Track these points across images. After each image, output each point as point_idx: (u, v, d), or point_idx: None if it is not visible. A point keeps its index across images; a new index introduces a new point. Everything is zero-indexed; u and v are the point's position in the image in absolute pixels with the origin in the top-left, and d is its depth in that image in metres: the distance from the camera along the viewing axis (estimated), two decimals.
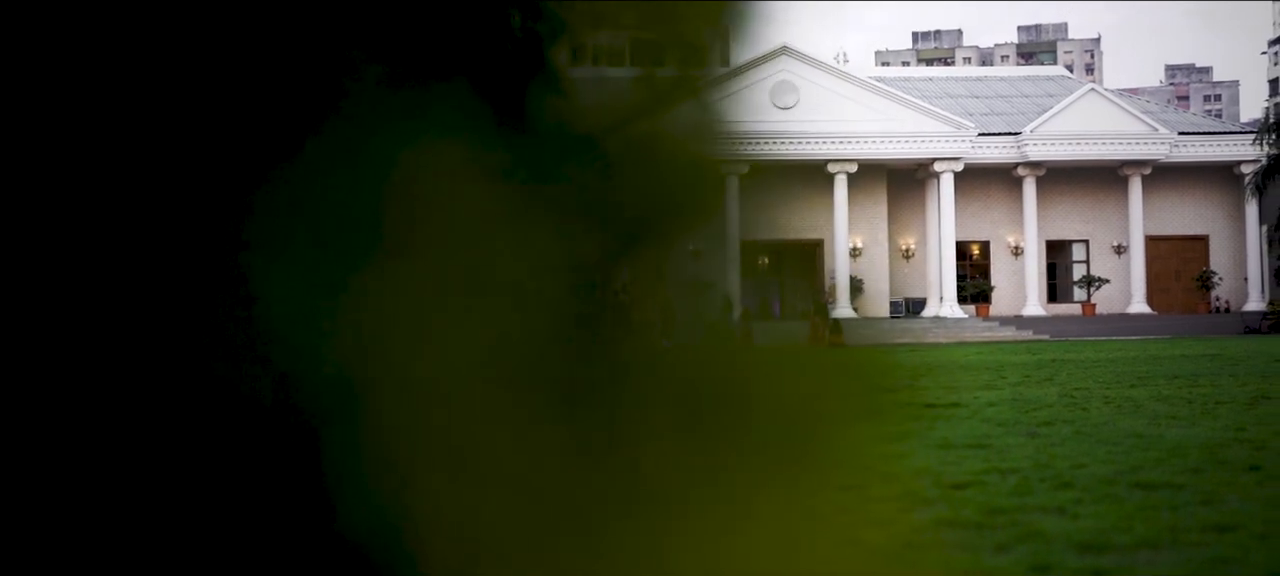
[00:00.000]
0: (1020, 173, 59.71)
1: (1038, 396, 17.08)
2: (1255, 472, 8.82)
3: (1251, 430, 11.80)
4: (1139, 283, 59.91)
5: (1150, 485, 8.33)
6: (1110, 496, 7.90)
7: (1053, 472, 9.04)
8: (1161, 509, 7.40)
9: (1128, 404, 15.40)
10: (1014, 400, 16.42)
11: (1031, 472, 9.05)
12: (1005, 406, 15.39)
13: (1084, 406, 15.13)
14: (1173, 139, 59.21)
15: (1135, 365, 25.86)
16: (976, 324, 56.17)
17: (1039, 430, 12.25)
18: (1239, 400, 15.57)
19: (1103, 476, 8.79)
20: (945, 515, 7.36)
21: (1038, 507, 7.52)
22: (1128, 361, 27.78)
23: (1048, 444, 10.99)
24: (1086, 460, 9.73)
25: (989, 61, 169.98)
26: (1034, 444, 11.01)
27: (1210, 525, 6.83)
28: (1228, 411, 14.01)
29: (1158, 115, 62.81)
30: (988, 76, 69.87)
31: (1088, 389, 18.41)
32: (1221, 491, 7.99)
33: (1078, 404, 15.55)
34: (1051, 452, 10.30)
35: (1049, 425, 12.80)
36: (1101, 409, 14.74)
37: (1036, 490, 8.22)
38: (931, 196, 59.28)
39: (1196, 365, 25.11)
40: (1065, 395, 17.16)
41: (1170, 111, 67.10)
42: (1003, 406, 15.40)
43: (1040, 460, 9.79)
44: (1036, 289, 59.99)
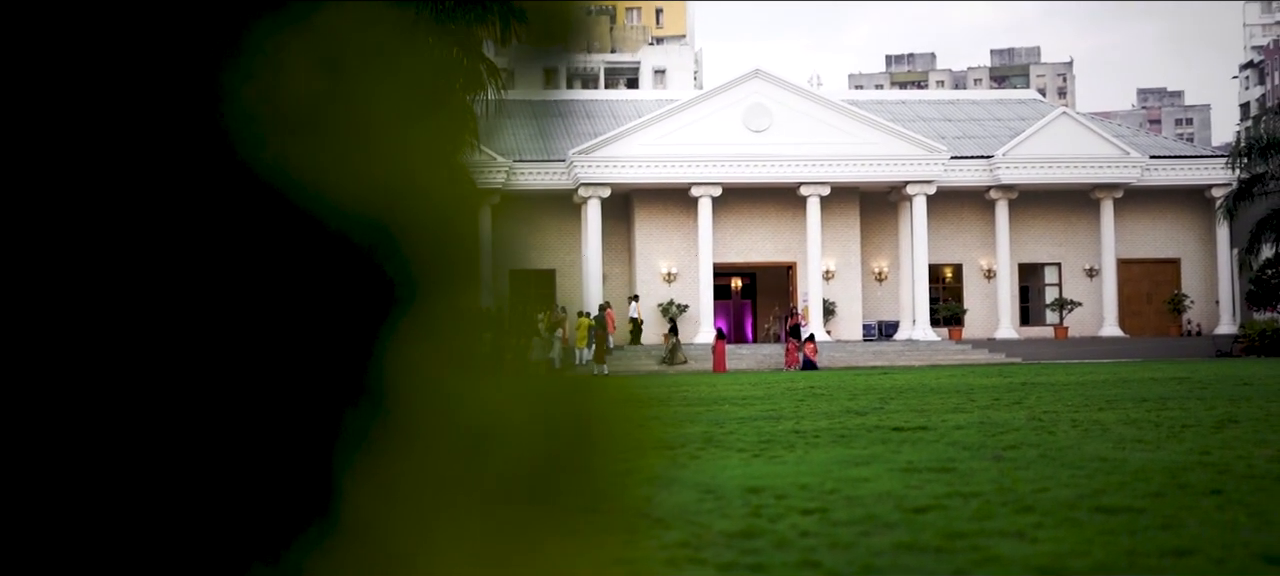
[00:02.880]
0: (993, 196, 59.90)
1: (1006, 419, 17.10)
2: (1216, 497, 8.83)
3: (1216, 454, 11.82)
4: (1111, 306, 60.13)
5: (1111, 509, 8.33)
6: (1071, 520, 7.90)
7: (1015, 496, 9.04)
8: (1121, 533, 7.40)
9: (1095, 427, 15.42)
10: (982, 423, 16.44)
11: (994, 496, 9.05)
12: (973, 430, 15.40)
13: (1051, 430, 15.15)
14: (1144, 162, 59.49)
15: (1105, 388, 25.91)
16: (949, 347, 56.30)
17: (1005, 453, 12.26)
18: (1206, 424, 15.60)
19: (1064, 500, 8.79)
20: (905, 539, 7.35)
21: (998, 531, 7.52)
22: (1098, 384, 27.84)
23: (1012, 467, 10.99)
24: (1050, 484, 9.74)
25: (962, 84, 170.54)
26: (999, 467, 11.01)
27: (1168, 549, 6.83)
28: (1193, 435, 14.03)
29: (1129, 139, 63.09)
30: (961, 99, 70.15)
31: (1056, 412, 18.44)
32: (1182, 515, 7.99)
33: (1045, 427, 15.56)
34: (1015, 476, 10.30)
35: (1015, 448, 12.81)
36: (1068, 432, 14.75)
37: (998, 514, 8.22)
38: (904, 219, 59.43)
39: (1166, 388, 25.18)
40: (1033, 418, 17.18)
41: (1142, 135, 67.43)
42: (970, 429, 15.41)
43: (1004, 484, 9.79)
44: (1009, 312, 60.17)
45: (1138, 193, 61.26)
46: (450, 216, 1.42)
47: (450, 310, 1.42)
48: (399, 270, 1.39)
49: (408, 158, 1.39)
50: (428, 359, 1.40)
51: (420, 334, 1.40)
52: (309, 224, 1.36)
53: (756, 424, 17.31)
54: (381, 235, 1.37)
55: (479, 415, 1.43)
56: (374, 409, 1.38)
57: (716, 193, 56.70)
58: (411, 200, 1.39)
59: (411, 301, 1.40)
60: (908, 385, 29.98)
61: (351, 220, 1.36)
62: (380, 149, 1.39)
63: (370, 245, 1.38)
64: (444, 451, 1.41)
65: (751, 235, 59.23)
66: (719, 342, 51.19)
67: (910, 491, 9.45)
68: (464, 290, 1.44)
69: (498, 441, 1.42)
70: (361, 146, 1.38)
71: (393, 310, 1.39)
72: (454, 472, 1.41)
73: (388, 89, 1.39)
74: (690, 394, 27.73)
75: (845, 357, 53.78)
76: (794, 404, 22.59)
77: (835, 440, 14.40)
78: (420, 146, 1.40)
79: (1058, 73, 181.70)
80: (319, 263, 1.37)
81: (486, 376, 1.44)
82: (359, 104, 1.39)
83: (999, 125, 64.47)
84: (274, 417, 1.36)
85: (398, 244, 1.37)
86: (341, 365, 1.37)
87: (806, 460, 12.17)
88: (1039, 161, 58.96)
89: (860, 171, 57.21)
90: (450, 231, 1.42)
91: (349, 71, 1.38)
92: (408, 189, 1.39)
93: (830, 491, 9.60)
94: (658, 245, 58.84)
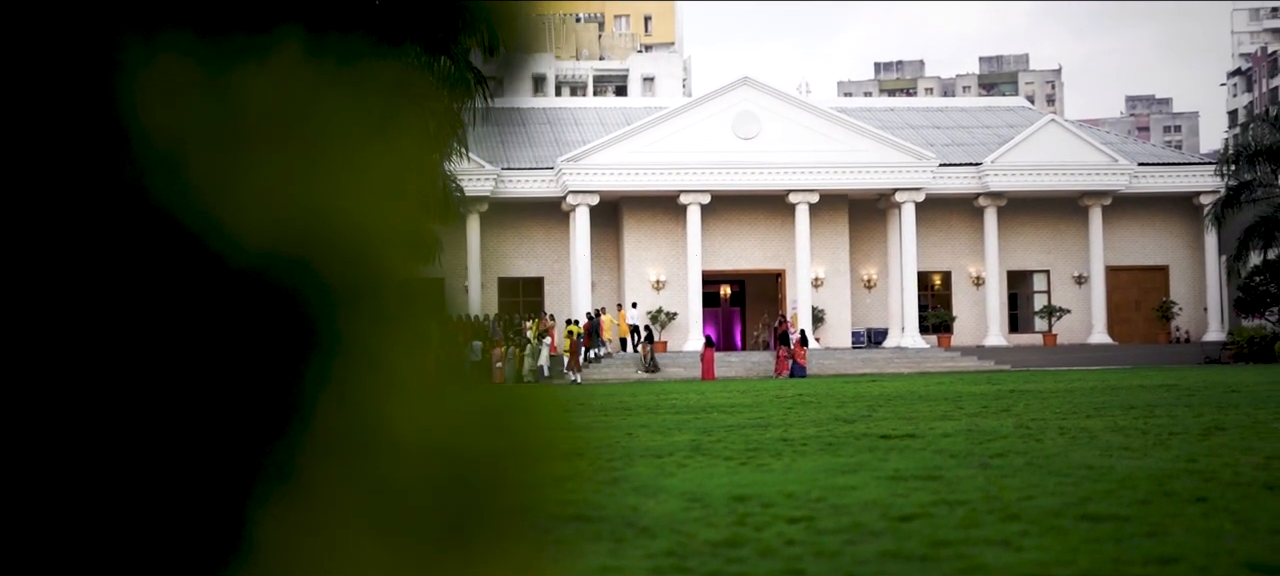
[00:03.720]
0: (981, 203, 59.94)
1: (994, 427, 17.11)
2: (1201, 504, 8.84)
3: (1202, 461, 11.84)
4: (1099, 312, 60.19)
5: (1097, 517, 8.34)
6: (1056, 528, 7.90)
7: (1001, 504, 9.05)
8: (1106, 541, 7.41)
9: (1082, 435, 15.43)
10: (969, 431, 16.45)
11: (980, 504, 9.06)
12: (960, 437, 15.41)
13: (1038, 437, 15.16)
14: (1133, 170, 59.56)
15: (1093, 395, 25.93)
16: (938, 354, 56.30)
17: (991, 461, 12.27)
18: (1193, 431, 15.62)
19: (1050, 508, 8.80)
20: (890, 547, 7.35)
21: (983, 540, 7.52)
22: (1086, 392, 27.86)
23: (999, 475, 11.00)
24: (1036, 492, 9.74)
25: (951, 92, 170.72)
26: (985, 475, 11.02)
27: (1153, 557, 6.84)
28: (1180, 442, 14.05)
29: (1118, 146, 63.15)
30: (949, 107, 70.20)
31: (1044, 420, 18.45)
32: (1167, 523, 8.00)
33: (1032, 435, 15.58)
34: (1002, 484, 10.31)
35: (1002, 456, 12.82)
36: (1056, 440, 14.77)
37: (984, 522, 8.22)
38: (893, 227, 59.46)
39: (1154, 396, 25.20)
40: (1021, 426, 17.19)
41: (1130, 142, 67.52)
42: (958, 437, 15.42)
43: (990, 492, 9.80)
44: (998, 319, 60.20)
45: (1126, 200, 61.34)
46: (379, 244, 1.39)
47: (382, 335, 1.39)
48: (318, 300, 1.36)
49: (334, 186, 1.36)
50: (353, 386, 1.36)
51: (346, 362, 1.37)
52: (209, 253, 1.32)
53: (744, 432, 17.31)
54: (297, 266, 1.34)
55: (407, 438, 1.39)
56: (292, 441, 1.35)
57: (705, 200, 56.70)
58: (335, 228, 1.36)
59: (332, 332, 1.36)
60: (896, 392, 29.99)
61: (262, 252, 1.33)
62: (302, 177, 1.35)
63: (284, 275, 1.34)
64: (362, 478, 1.38)
65: (740, 243, 59.22)
66: (708, 350, 51.18)
67: (897, 499, 9.45)
68: (396, 316, 1.40)
69: (420, 464, 1.39)
70: (281, 175, 1.35)
71: (311, 340, 1.36)
72: (373, 498, 1.38)
73: (310, 115, 1.36)
74: (678, 402, 27.71)
75: (834, 365, 53.79)
76: (782, 412, 22.58)
77: (823, 448, 14.40)
78: (349, 174, 1.36)
79: (1046, 80, 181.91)
80: (223, 293, 1.34)
81: (422, 397, 1.40)
82: (275, 131, 1.35)
83: (987, 132, 64.51)
84: (165, 455, 1.33)
85: (316, 273, 1.33)
86: (251, 398, 1.34)
87: (794, 468, 12.17)
88: (1027, 169, 59.01)
89: (849, 179, 57.23)
90: (379, 260, 1.38)
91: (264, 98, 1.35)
92: (331, 216, 1.35)
93: (817, 499, 9.60)
94: (646, 253, 58.82)
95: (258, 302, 1.33)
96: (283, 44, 1.36)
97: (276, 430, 1.35)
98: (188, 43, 1.33)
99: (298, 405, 1.34)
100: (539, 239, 60.01)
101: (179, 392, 1.33)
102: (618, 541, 7.84)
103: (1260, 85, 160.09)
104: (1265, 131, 57.83)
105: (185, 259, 1.32)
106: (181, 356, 1.33)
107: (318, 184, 1.35)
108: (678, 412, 22.91)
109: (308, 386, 1.35)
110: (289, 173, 1.35)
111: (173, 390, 1.33)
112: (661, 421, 20.18)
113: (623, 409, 24.83)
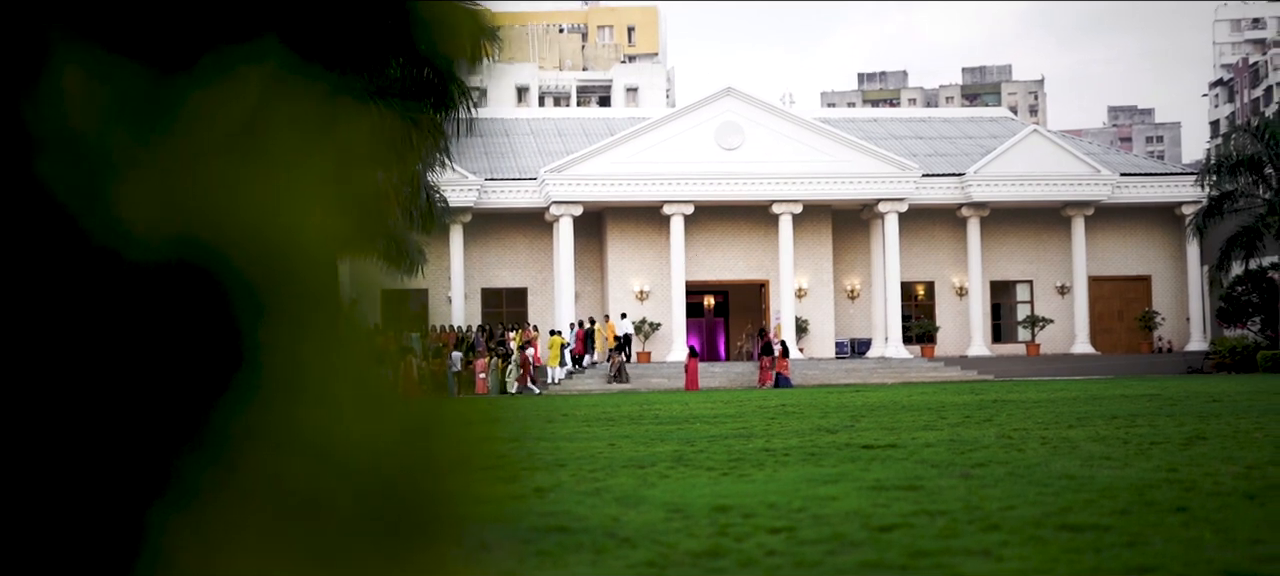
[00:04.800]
0: (964, 213, 60.05)
1: (975, 437, 17.13)
2: (1181, 514, 8.86)
3: (1183, 471, 11.86)
4: (1082, 323, 60.32)
5: (1077, 527, 8.35)
6: (1036, 538, 7.91)
7: (982, 514, 9.06)
8: (1086, 550, 7.42)
9: (1064, 444, 15.45)
10: (951, 441, 16.47)
11: (961, 514, 9.07)
12: (942, 448, 15.43)
13: (1020, 447, 15.18)
14: (1115, 180, 59.71)
15: (1075, 405, 25.98)
16: (921, 364, 56.37)
17: (973, 471, 12.28)
18: (1174, 441, 15.65)
19: (1031, 518, 8.81)
20: (871, 558, 7.36)
21: (963, 550, 7.53)
22: (1068, 402, 27.90)
23: (980, 485, 11.01)
24: (1017, 502, 9.75)
25: (934, 102, 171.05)
26: (966, 485, 11.03)
27: (1133, 567, 6.85)
28: (1161, 452, 14.08)
29: (1100, 156, 63.31)
30: (932, 117, 70.36)
31: (1026, 430, 18.47)
32: (1147, 533, 8.02)
33: (1014, 445, 15.59)
34: (982, 494, 10.32)
35: (983, 466, 12.83)
36: (1037, 450, 14.79)
37: (964, 532, 8.23)
38: (876, 237, 59.56)
39: (1136, 405, 25.25)
40: (1003, 436, 17.21)
41: (1113, 153, 67.71)
42: (940, 447, 15.44)
43: (971, 502, 9.80)
44: (981, 329, 60.31)
45: (1109, 210, 61.50)
46: (304, 251, 1.36)
47: (297, 338, 1.36)
48: (225, 298, 1.33)
49: (254, 184, 1.33)
50: (274, 396, 1.33)
51: (253, 364, 1.34)
52: (99, 245, 1.29)
53: (727, 442, 17.31)
54: (202, 261, 1.31)
55: (320, 443, 1.36)
56: (202, 457, 1.32)
57: (689, 210, 56.73)
58: (245, 224, 1.33)
59: (252, 342, 1.33)
60: (879, 403, 30.01)
61: (162, 244, 1.30)
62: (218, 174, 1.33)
63: (200, 281, 1.31)
64: (272, 482, 1.35)
65: (724, 253, 59.27)
66: (692, 360, 51.18)
67: (878, 510, 9.46)
68: (312, 319, 1.37)
69: (333, 470, 1.36)
70: (196, 169, 1.32)
71: (216, 340, 1.33)
72: (283, 502, 1.36)
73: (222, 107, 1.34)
74: (662, 412, 27.70)
75: (817, 375, 53.82)
76: (765, 422, 22.59)
77: (805, 458, 14.40)
78: (274, 173, 1.34)
79: (1029, 91, 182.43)
80: (116, 287, 1.30)
81: (336, 403, 1.37)
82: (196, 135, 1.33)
83: (970, 143, 64.66)
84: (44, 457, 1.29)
85: (223, 270, 1.30)
86: (142, 397, 1.31)
87: (775, 478, 12.17)
88: (1010, 179, 59.14)
89: (832, 189, 57.30)
90: (304, 267, 1.35)
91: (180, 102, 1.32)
92: (243, 213, 1.33)
93: (798, 510, 9.60)
94: (630, 263, 58.82)
95: (156, 299, 1.31)
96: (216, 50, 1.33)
97: (178, 431, 1.32)
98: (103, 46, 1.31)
99: (198, 405, 1.30)
100: (522, 249, 60.03)
101: (60, 391, 1.30)
102: (598, 552, 7.83)
103: (1242, 96, 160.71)
104: (1247, 142, 57.95)
105: (73, 250, 1.29)
106: (64, 353, 1.29)
107: (232, 181, 1.33)
108: (661, 423, 22.90)
109: (209, 387, 1.32)
110: (205, 168, 1.32)
111: (52, 389, 1.30)
112: (644, 432, 20.17)
113: (606, 419, 24.82)
